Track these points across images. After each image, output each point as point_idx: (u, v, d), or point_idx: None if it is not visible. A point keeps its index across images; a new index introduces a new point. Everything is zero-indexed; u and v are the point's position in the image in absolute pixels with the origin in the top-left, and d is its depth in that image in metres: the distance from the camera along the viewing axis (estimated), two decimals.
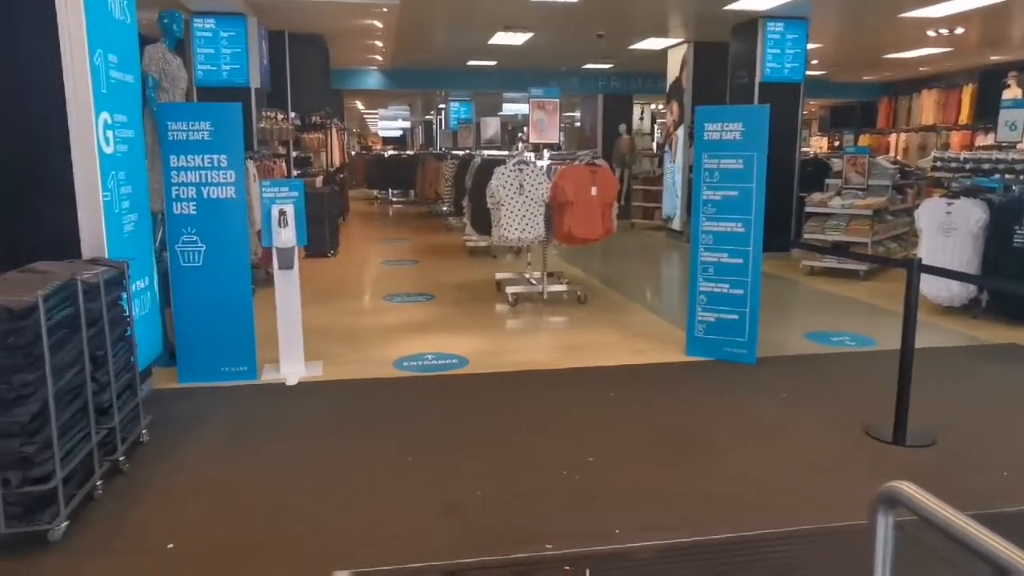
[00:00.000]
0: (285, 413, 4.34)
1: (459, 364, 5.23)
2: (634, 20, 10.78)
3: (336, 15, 9.76)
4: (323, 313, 6.62)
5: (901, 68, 15.75)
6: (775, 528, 2.97)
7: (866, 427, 4.01)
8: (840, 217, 8.62)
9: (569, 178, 6.54)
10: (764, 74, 9.97)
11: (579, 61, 15.24)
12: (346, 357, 5.38)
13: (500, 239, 6.77)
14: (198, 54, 8.72)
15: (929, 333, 5.82)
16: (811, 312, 7.22)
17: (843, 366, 5.33)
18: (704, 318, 5.30)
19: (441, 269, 9.18)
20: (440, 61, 15.32)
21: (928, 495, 1.15)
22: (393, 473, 3.52)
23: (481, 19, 10.70)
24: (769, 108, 5.12)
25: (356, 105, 27.05)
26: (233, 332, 4.76)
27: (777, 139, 5.67)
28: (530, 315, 6.85)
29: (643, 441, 3.91)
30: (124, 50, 4.07)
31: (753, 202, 5.04)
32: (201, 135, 4.61)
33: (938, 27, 10.83)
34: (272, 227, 4.85)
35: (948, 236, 6.50)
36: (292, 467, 3.58)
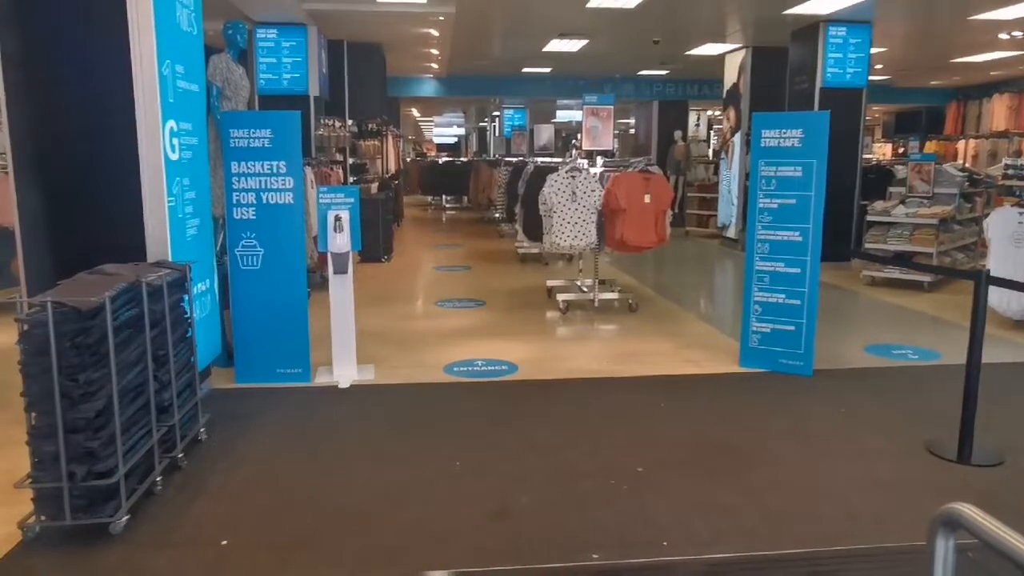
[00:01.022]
0: (337, 415, 4.41)
1: (509, 371, 5.24)
2: (691, 26, 10.67)
3: (393, 24, 9.93)
4: (376, 317, 6.72)
5: (971, 72, 15.19)
6: (828, 547, 2.88)
7: (928, 444, 3.87)
8: (904, 226, 8.36)
9: (622, 185, 6.50)
10: (825, 79, 9.75)
11: (634, 67, 15.16)
12: (398, 361, 5.44)
13: (552, 246, 6.76)
14: (260, 63, 8.98)
15: (998, 348, 5.59)
16: (872, 324, 7.01)
17: (905, 380, 5.16)
18: (759, 328, 5.19)
19: (493, 275, 9.22)
20: (495, 68, 15.42)
21: (991, 518, 1.10)
22: (441, 477, 3.54)
23: (537, 26, 10.74)
24: (829, 114, 5.00)
25: (412, 112, 27.45)
26: (288, 335, 4.86)
27: (838, 146, 5.53)
28: (581, 323, 6.82)
29: (694, 452, 3.85)
30: (190, 60, 4.21)
31: (811, 210, 4.92)
32: (261, 142, 4.73)
33: (1010, 29, 10.42)
34: (328, 232, 4.94)
35: (1020, 247, 6.24)
36: (343, 468, 3.64)
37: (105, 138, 3.69)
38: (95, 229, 3.72)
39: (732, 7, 9.63)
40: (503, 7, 9.46)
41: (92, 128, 3.65)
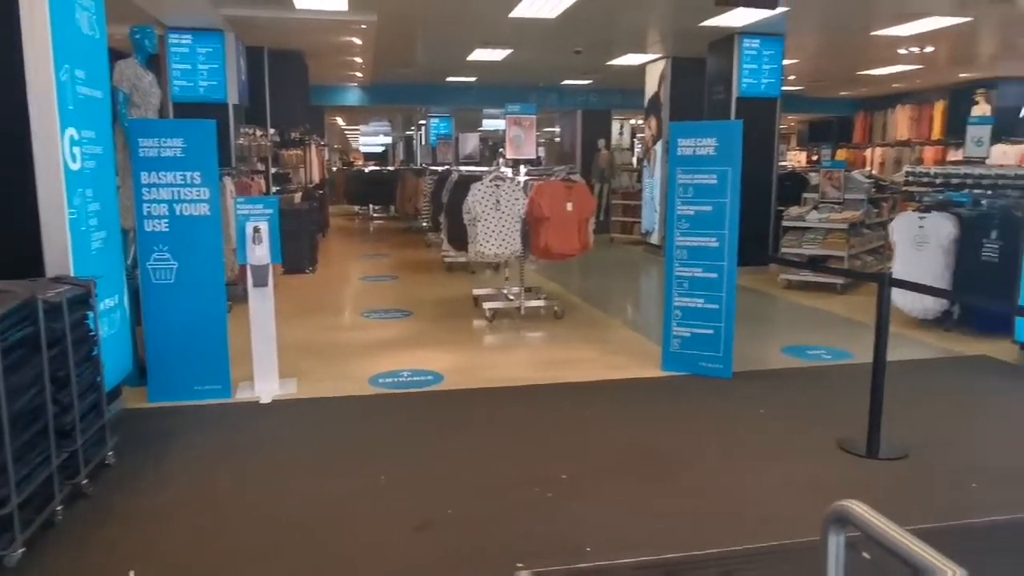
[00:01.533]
0: (258, 432, 4.28)
1: (435, 380, 5.20)
2: (612, 36, 10.87)
3: (314, 32, 9.77)
4: (300, 330, 6.57)
5: (875, 84, 15.99)
6: (744, 545, 2.95)
7: (840, 441, 4.02)
8: (817, 231, 8.70)
9: (545, 194, 6.55)
10: (741, 89, 10.07)
11: (558, 77, 15.35)
12: (322, 374, 5.33)
13: (477, 255, 6.76)
14: (174, 70, 8.69)
15: (903, 346, 5.87)
16: (788, 326, 7.26)
17: (819, 380, 5.36)
18: (679, 333, 5.30)
19: (419, 285, 9.15)
20: (419, 77, 15.36)
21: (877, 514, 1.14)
22: (366, 491, 3.47)
23: (460, 36, 10.75)
24: (742, 123, 5.17)
25: (337, 121, 27.05)
26: (206, 350, 4.71)
27: (754, 154, 5.73)
28: (507, 331, 6.83)
29: (617, 458, 3.89)
30: (93, 65, 4.03)
31: (727, 217, 5.06)
32: (174, 151, 4.57)
33: (908, 45, 11.02)
34: (246, 244, 4.81)
35: (921, 249, 6.57)
36: (262, 487, 3.52)
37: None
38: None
39: (651, 19, 9.85)
40: (425, 16, 9.43)
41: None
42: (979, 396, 4.98)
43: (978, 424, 4.43)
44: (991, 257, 6.23)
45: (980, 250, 6.29)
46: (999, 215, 6.39)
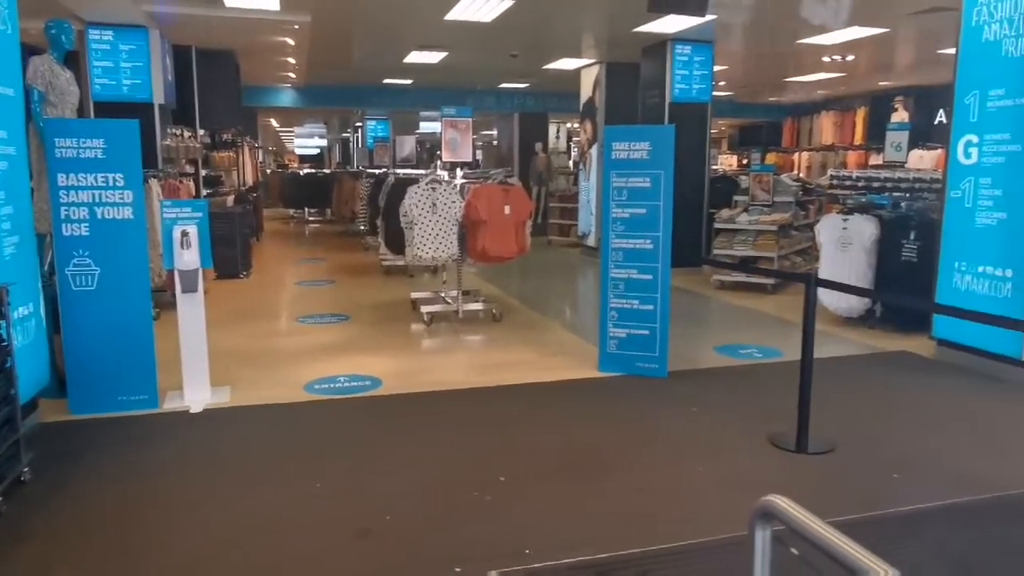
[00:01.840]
0: (187, 442, 4.14)
1: (372, 386, 5.13)
2: (547, 41, 10.95)
3: (245, 31, 9.54)
4: (232, 336, 6.40)
5: (801, 91, 16.56)
6: (677, 542, 3.00)
7: (771, 437, 4.13)
8: (748, 232, 8.93)
9: (482, 197, 6.55)
10: (673, 95, 10.29)
11: (495, 80, 15.38)
12: (255, 382, 5.20)
13: (414, 258, 6.71)
14: (95, 67, 8.35)
15: (829, 343, 6.08)
16: (721, 326, 7.43)
17: (751, 378, 5.50)
18: (616, 334, 5.37)
19: (357, 289, 9.03)
20: (356, 79, 15.17)
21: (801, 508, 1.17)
22: (301, 500, 3.40)
23: (396, 38, 10.66)
24: (675, 128, 5.26)
25: (271, 123, 26.49)
26: (131, 359, 4.54)
27: (686, 157, 5.84)
28: (446, 334, 6.80)
29: (555, 459, 3.91)
30: (3, 61, 3.84)
31: (661, 219, 5.15)
32: (94, 152, 4.39)
33: (831, 54, 11.45)
34: (174, 249, 4.65)
35: (845, 250, 6.82)
36: (191, 499, 3.41)
37: None
38: None
39: (586, 24, 9.97)
40: (361, 18, 9.32)
41: None
42: (900, 391, 5.19)
43: (899, 417, 4.62)
44: (910, 257, 6.51)
45: (900, 250, 6.57)
46: (917, 217, 6.69)
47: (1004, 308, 5.15)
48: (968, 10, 5.49)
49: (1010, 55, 5.18)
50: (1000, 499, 3.40)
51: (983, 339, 5.38)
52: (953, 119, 5.66)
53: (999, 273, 5.29)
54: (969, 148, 5.50)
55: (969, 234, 5.50)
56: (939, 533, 3.10)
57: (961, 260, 5.58)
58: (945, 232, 5.73)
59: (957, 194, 5.61)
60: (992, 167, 5.33)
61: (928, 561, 2.85)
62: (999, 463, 3.85)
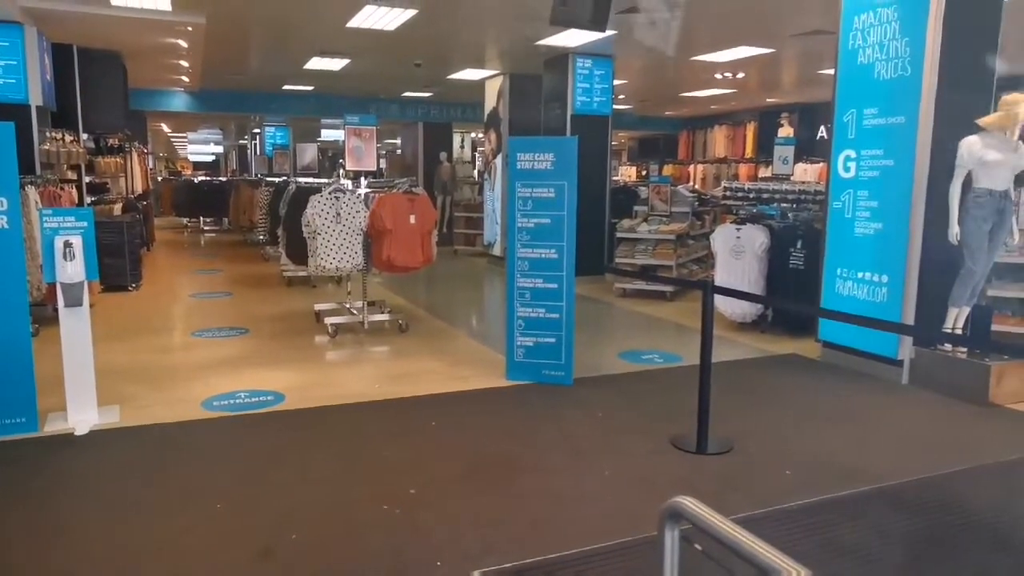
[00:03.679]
0: (73, 467, 3.89)
1: (275, 401, 4.97)
2: (450, 51, 10.98)
3: (131, 31, 9.08)
4: (121, 352, 6.06)
5: (696, 105, 17.29)
6: (587, 546, 3.06)
7: (673, 439, 4.27)
8: (648, 242, 9.22)
9: (387, 206, 6.48)
10: (575, 107, 10.52)
11: (399, 88, 15.27)
12: (147, 400, 4.95)
13: (318, 268, 6.56)
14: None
15: (726, 347, 6.34)
16: (624, 332, 7.63)
17: (653, 382, 5.67)
18: (523, 343, 5.42)
19: (257, 301, 8.74)
20: (254, 84, 14.73)
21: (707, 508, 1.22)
22: (201, 521, 3.25)
23: (295, 43, 10.43)
24: (578, 139, 5.38)
25: (162, 128, 25.32)
26: (8, 379, 4.24)
27: (588, 168, 5.97)
28: (351, 346, 6.67)
29: (464, 468, 3.91)
30: None
31: (565, 229, 5.25)
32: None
33: (723, 71, 12.02)
34: (56, 260, 4.36)
35: (738, 258, 7.15)
36: (80, 526, 3.20)
37: None
38: None
39: (488, 36, 10.05)
40: (259, 21, 9.06)
41: None
42: (790, 391, 5.48)
43: (790, 416, 4.88)
44: (798, 264, 6.89)
45: (788, 258, 6.95)
46: (803, 226, 7.09)
47: (881, 312, 5.53)
48: (845, 34, 5.89)
49: (882, 77, 5.58)
50: (881, 490, 3.64)
51: (863, 341, 5.76)
52: (833, 135, 6.05)
53: (876, 279, 5.68)
54: (848, 162, 5.88)
55: (849, 242, 5.88)
56: (830, 525, 3.29)
57: (843, 267, 5.96)
58: (828, 241, 6.10)
59: (838, 205, 5.99)
60: (869, 180, 5.73)
61: (823, 551, 3.02)
62: (880, 456, 4.13)
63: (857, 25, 5.77)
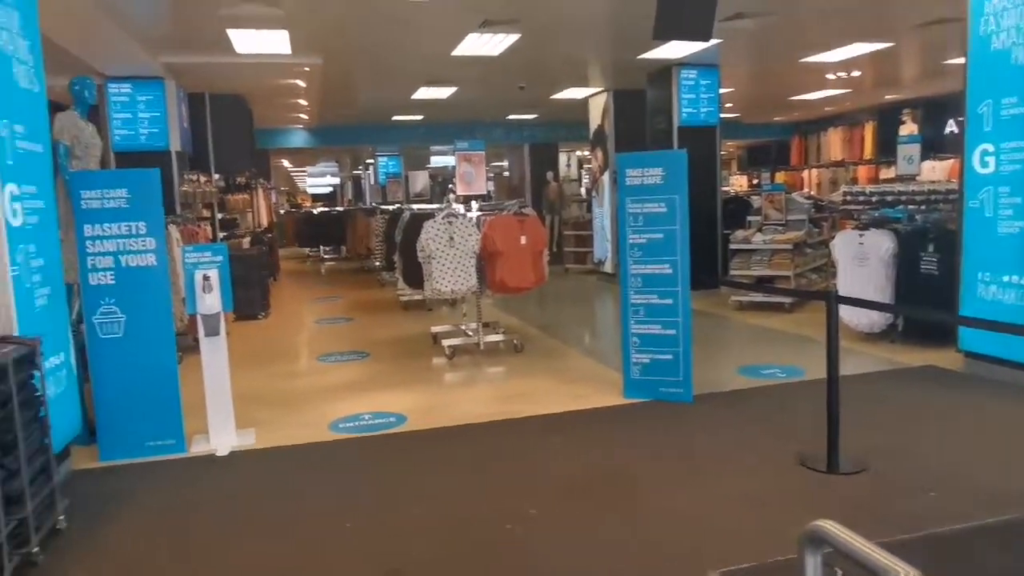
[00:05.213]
0: (216, 486, 4.16)
1: (397, 422, 5.13)
2: (553, 72, 11.09)
3: (256, 76, 9.73)
4: (254, 378, 6.43)
5: (808, 109, 16.62)
6: (720, 569, 2.97)
7: (800, 457, 4.09)
8: (763, 252, 8.92)
9: (498, 228, 6.60)
10: (681, 119, 10.37)
11: (503, 112, 15.55)
12: (280, 423, 5.22)
13: (433, 292, 6.74)
14: (114, 119, 8.55)
15: (853, 360, 6.02)
16: (742, 346, 7.39)
17: (776, 398, 5.45)
18: (639, 360, 5.36)
19: (376, 325, 9.07)
20: (366, 117, 15.39)
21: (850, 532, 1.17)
22: (332, 540, 3.39)
23: (404, 75, 10.84)
24: (687, 152, 5.29)
25: (283, 164, 26.85)
26: (158, 404, 4.57)
27: (698, 180, 5.85)
28: (468, 367, 6.80)
29: (585, 488, 3.89)
30: (32, 119, 3.95)
31: (678, 243, 5.17)
32: (117, 203, 4.48)
33: (836, 70, 11.51)
34: (196, 293, 4.71)
35: (862, 266, 6.79)
36: (224, 542, 3.42)
37: None
38: None
39: (590, 54, 10.10)
40: (370, 57, 9.49)
41: None
42: (929, 405, 5.13)
43: (931, 433, 4.56)
44: (930, 269, 6.47)
45: (919, 263, 6.53)
46: (934, 229, 6.66)
47: None
48: (975, 20, 5.52)
49: (1020, 63, 5.18)
50: None
51: (1012, 350, 5.32)
52: (966, 129, 5.66)
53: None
54: (985, 157, 5.49)
55: (991, 244, 5.46)
56: (981, 553, 3.05)
57: (984, 270, 5.54)
58: (965, 243, 5.70)
59: (976, 204, 5.59)
60: (1010, 175, 5.31)
61: None
62: None
63: (989, 9, 5.40)
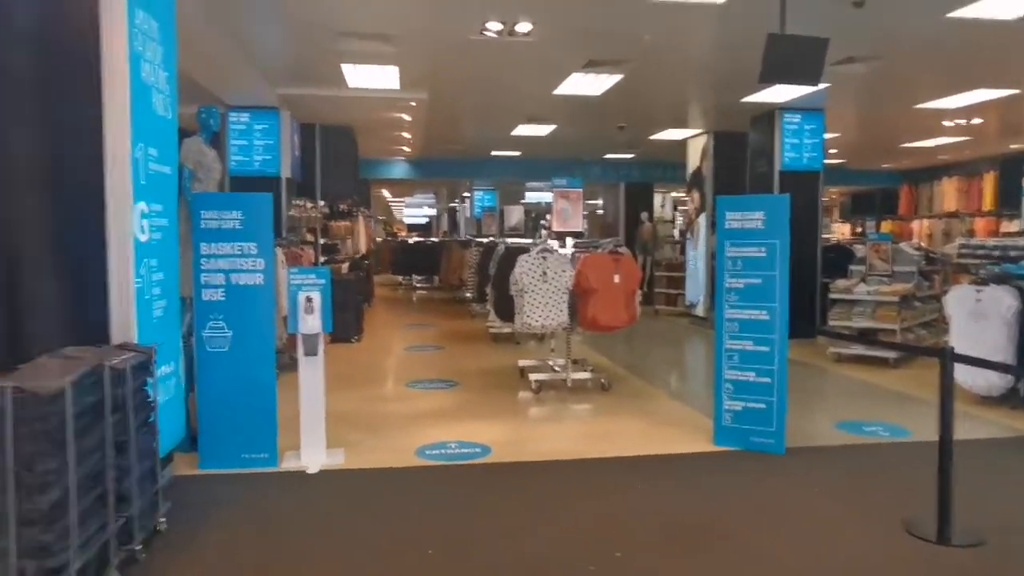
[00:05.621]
0: (305, 503, 4.26)
1: (482, 453, 5.14)
2: (653, 113, 11.08)
3: (366, 108, 10.15)
4: (345, 399, 6.59)
5: (920, 156, 15.91)
6: None
7: (907, 524, 3.83)
8: (866, 303, 8.54)
9: (592, 266, 6.58)
10: (783, 163, 10.13)
11: (601, 151, 15.60)
12: (368, 445, 5.32)
13: (523, 326, 6.76)
14: (232, 145, 9.08)
15: (968, 424, 5.63)
16: (841, 401, 7.06)
17: (878, 458, 5.16)
18: (731, 407, 5.19)
19: (465, 355, 9.16)
20: (465, 151, 15.76)
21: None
22: (415, 565, 3.41)
23: (505, 112, 11.06)
24: (789, 197, 5.16)
25: (383, 193, 27.75)
26: (255, 419, 4.75)
27: (798, 226, 5.68)
28: (554, 402, 6.76)
29: (670, 535, 3.77)
30: (164, 144, 4.24)
31: (777, 289, 5.01)
32: (232, 224, 4.73)
33: (954, 118, 10.99)
34: (298, 313, 4.89)
35: (979, 323, 6.38)
36: (310, 559, 3.49)
37: (74, 218, 3.65)
38: (59, 310, 3.62)
39: (692, 96, 10.04)
40: (474, 94, 9.75)
41: (62, 208, 3.60)
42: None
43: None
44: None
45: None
46: None
47: None
48: None
49: None
50: None
51: None
52: None
53: None
54: None
55: None
56: None
57: None
58: None
59: None
60: None
61: None
62: None
63: None
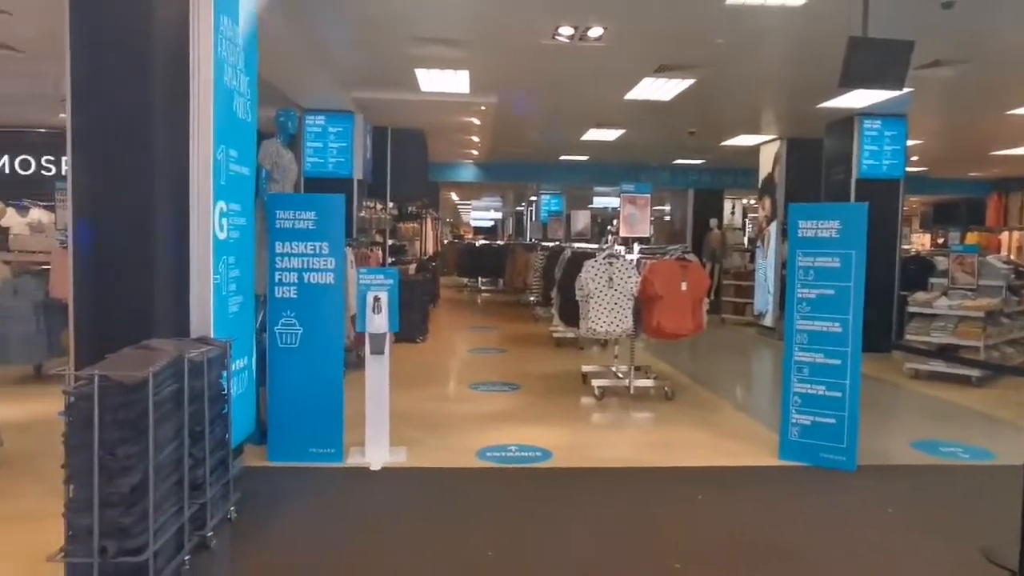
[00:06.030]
0: (368, 499, 4.36)
1: (543, 457, 5.14)
2: (726, 118, 10.89)
3: (437, 112, 10.30)
4: (409, 399, 6.69)
5: (1011, 164, 15.14)
6: None
7: (986, 551, 3.65)
8: (947, 318, 8.18)
9: (659, 273, 6.51)
10: (861, 171, 9.81)
11: (670, 156, 15.42)
12: (430, 444, 5.39)
13: (588, 331, 6.74)
14: (307, 147, 9.35)
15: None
16: (917, 419, 6.79)
17: (957, 480, 4.94)
18: (799, 421, 5.05)
19: (527, 359, 9.18)
20: (533, 155, 15.81)
21: None
22: (474, 566, 3.44)
23: (574, 116, 11.05)
24: (868, 206, 4.99)
25: (451, 196, 28.08)
26: (323, 414, 4.87)
27: (876, 236, 5.49)
28: (616, 409, 6.71)
29: (733, 549, 3.70)
30: (244, 145, 4.40)
31: (851, 301, 4.86)
32: (306, 224, 4.88)
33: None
34: (367, 313, 4.99)
35: None
36: (372, 554, 3.56)
37: (160, 216, 3.82)
38: (143, 303, 3.79)
39: (766, 101, 9.82)
40: (543, 97, 9.77)
41: (148, 207, 3.78)
42: None
43: None
44: None
45: None
46: None
47: None
48: None
49: None
50: None
51: None
52: None
53: None
54: None
55: None
56: None
57: None
58: None
59: None
60: None
61: None
62: None
63: None
